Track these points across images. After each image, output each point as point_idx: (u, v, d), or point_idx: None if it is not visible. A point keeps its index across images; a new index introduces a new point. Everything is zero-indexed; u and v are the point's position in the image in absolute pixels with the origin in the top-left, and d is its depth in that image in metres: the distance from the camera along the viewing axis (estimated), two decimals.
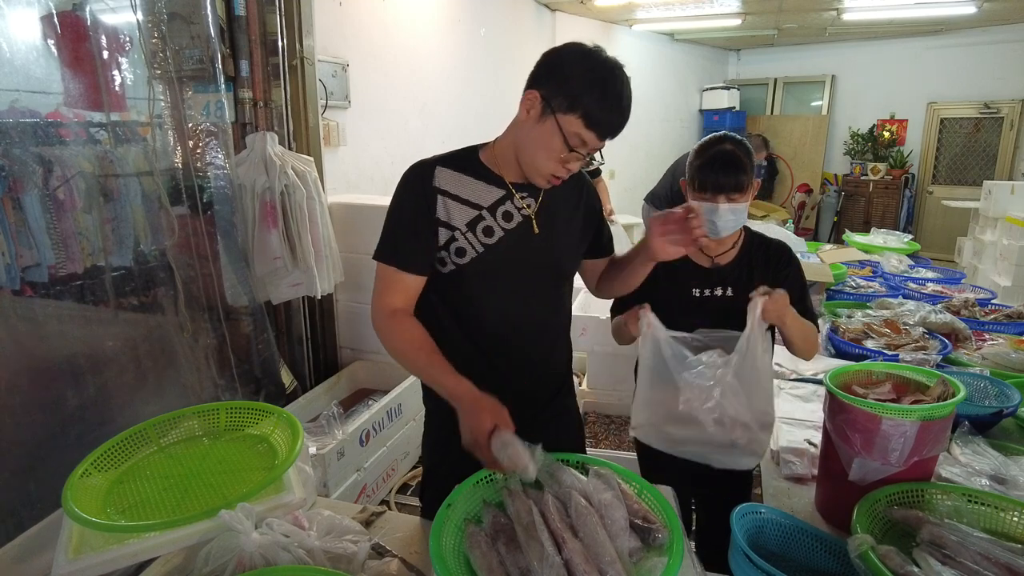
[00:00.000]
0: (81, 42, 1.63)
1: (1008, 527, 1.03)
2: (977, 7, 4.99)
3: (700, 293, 1.35)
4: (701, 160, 1.26)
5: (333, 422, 2.10)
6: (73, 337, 1.64)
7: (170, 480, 1.06)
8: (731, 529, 0.99)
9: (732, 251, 1.37)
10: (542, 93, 0.97)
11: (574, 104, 0.94)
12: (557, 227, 1.10)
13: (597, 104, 0.94)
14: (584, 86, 0.94)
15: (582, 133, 0.95)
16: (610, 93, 0.95)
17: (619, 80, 0.96)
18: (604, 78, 0.95)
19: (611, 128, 0.97)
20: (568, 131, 0.96)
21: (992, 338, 2.04)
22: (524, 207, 1.07)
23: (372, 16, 3.11)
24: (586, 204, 1.16)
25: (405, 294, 1.06)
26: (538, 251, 1.08)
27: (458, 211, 1.04)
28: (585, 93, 0.94)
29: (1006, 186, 4.13)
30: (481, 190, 1.05)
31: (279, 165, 2.15)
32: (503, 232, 1.05)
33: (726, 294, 1.34)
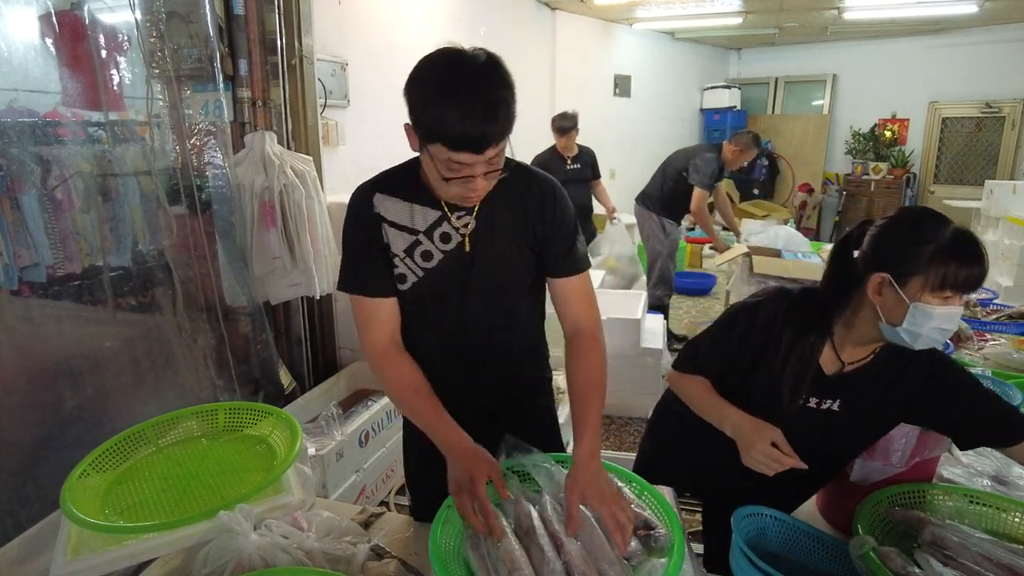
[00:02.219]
0: (79, 41, 1.62)
1: (1010, 528, 1.03)
2: (979, 6, 4.98)
3: (804, 402, 1.06)
4: (945, 245, 0.92)
5: (332, 423, 2.10)
6: (71, 337, 1.63)
7: (169, 481, 1.06)
8: (731, 530, 0.99)
9: (867, 355, 1.06)
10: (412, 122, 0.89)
11: (430, 132, 0.85)
12: (496, 245, 1.02)
13: (450, 124, 0.83)
14: (431, 111, 0.84)
15: (452, 156, 0.85)
16: (461, 108, 0.82)
17: (468, 88, 0.83)
18: (448, 92, 0.83)
19: (478, 143, 0.84)
20: (439, 160, 0.87)
21: (994, 338, 2.03)
22: (461, 227, 1.01)
23: (371, 15, 3.10)
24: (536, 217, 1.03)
25: (388, 323, 1.04)
26: (475, 271, 1.02)
27: (396, 238, 1.01)
28: (433, 117, 0.83)
29: (1008, 186, 4.12)
30: (417, 214, 1.01)
31: (278, 165, 2.14)
32: (442, 254, 1.01)
33: (832, 408, 1.07)
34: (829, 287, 1.05)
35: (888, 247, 0.97)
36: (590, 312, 1.07)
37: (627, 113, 6.19)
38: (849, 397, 1.07)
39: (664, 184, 3.73)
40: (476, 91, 0.83)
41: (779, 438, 0.97)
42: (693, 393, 1.15)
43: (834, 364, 1.06)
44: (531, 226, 1.04)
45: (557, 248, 1.05)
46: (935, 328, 0.93)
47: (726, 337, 1.12)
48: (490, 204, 1.01)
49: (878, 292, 0.97)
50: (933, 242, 0.92)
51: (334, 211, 2.49)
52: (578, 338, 1.06)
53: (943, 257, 0.91)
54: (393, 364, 1.03)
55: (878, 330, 0.99)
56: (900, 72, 6.57)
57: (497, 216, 1.02)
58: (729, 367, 1.12)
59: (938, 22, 5.83)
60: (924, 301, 0.92)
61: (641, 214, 3.90)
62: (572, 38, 5.42)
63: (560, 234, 1.05)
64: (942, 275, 0.91)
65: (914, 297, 0.93)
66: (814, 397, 1.07)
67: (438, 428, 0.97)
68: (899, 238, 0.96)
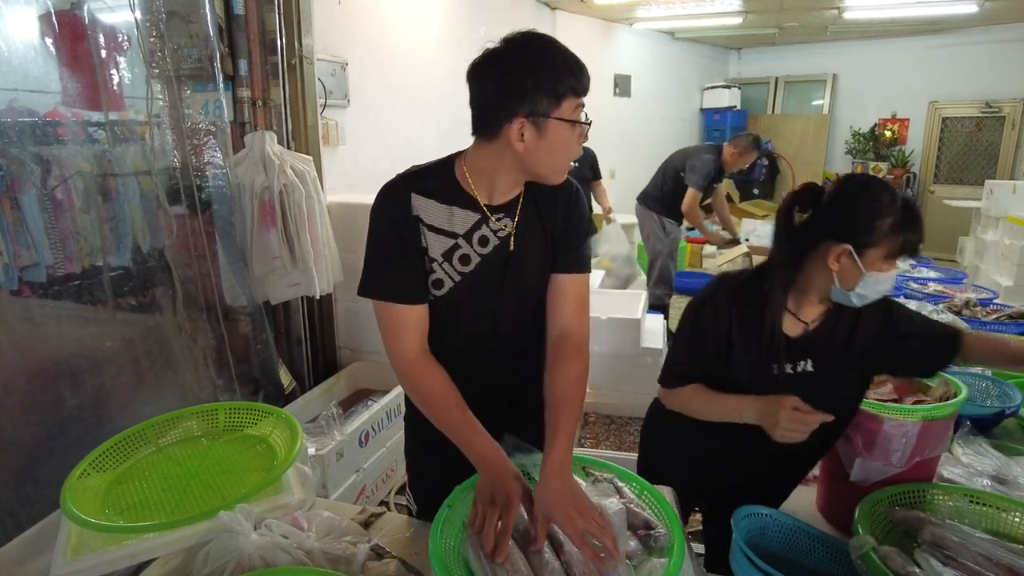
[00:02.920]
0: (79, 41, 1.62)
1: (1010, 528, 1.03)
2: (979, 6, 4.98)
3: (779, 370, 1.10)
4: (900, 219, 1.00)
5: (332, 423, 2.10)
6: (71, 337, 1.63)
7: (169, 481, 1.06)
8: (732, 530, 0.99)
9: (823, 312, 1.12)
10: (526, 112, 0.90)
11: (557, 93, 0.90)
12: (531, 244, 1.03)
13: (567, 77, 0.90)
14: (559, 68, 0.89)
15: (576, 105, 0.92)
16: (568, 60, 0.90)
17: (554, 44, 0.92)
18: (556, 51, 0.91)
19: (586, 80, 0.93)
20: (570, 117, 0.92)
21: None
22: (501, 228, 1.00)
23: (371, 15, 3.10)
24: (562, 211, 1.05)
25: (416, 332, 0.99)
26: (512, 273, 1.02)
27: (435, 241, 0.99)
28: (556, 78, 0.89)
29: (1008, 185, 4.12)
30: (456, 217, 0.99)
31: (278, 164, 2.14)
32: (479, 258, 1.00)
33: (806, 369, 1.11)
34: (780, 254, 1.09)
35: (848, 220, 1.02)
36: (580, 318, 1.05)
37: (627, 113, 6.19)
38: (819, 355, 1.11)
39: (664, 184, 3.73)
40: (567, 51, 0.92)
41: (797, 402, 1.00)
42: (694, 402, 1.16)
43: (796, 327, 1.11)
44: (557, 223, 1.04)
45: (569, 242, 1.05)
46: (880, 291, 1.04)
47: (694, 340, 1.14)
48: (525, 204, 1.01)
49: (837, 261, 1.02)
50: (890, 216, 0.99)
51: (334, 211, 2.49)
52: (564, 343, 1.03)
53: (898, 230, 0.99)
54: (425, 374, 0.99)
55: (828, 292, 1.06)
56: (900, 72, 6.57)
57: (532, 217, 1.02)
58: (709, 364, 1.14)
59: (938, 22, 5.82)
60: (876, 269, 1.01)
61: (642, 213, 3.90)
62: (572, 38, 5.39)
63: (574, 232, 1.05)
64: (898, 245, 1.00)
65: (870, 267, 1.01)
66: (788, 362, 1.11)
67: (474, 442, 0.94)
68: (858, 211, 1.01)
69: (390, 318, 0.99)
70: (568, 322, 1.04)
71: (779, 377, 1.10)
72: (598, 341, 2.90)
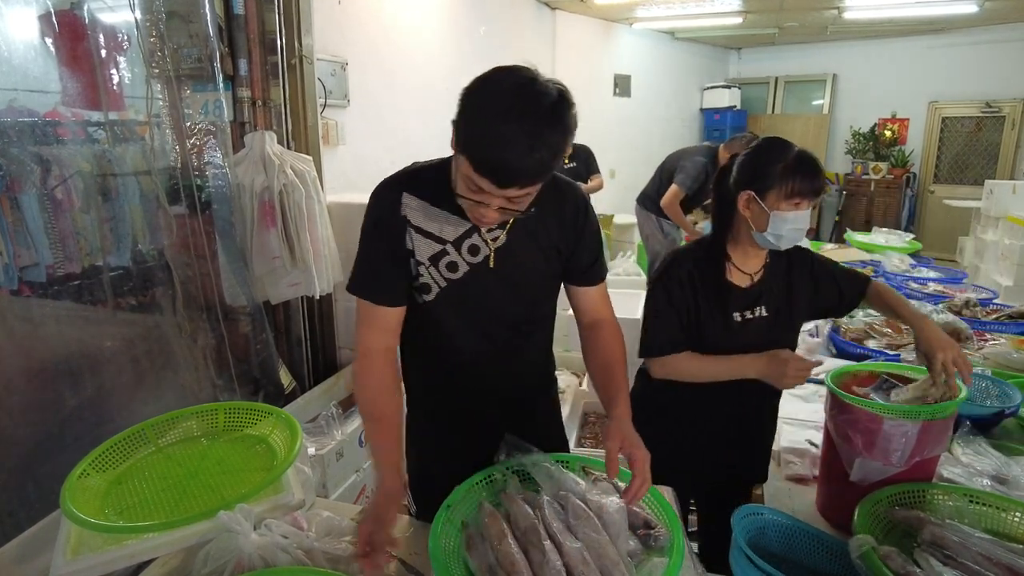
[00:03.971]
0: (79, 41, 1.62)
1: (1009, 527, 1.02)
2: (979, 6, 4.98)
3: (742, 317, 1.26)
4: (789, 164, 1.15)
5: (332, 422, 2.10)
6: (71, 337, 1.63)
7: (168, 481, 1.06)
8: (731, 530, 0.99)
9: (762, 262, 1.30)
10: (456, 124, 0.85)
11: (465, 143, 0.81)
12: (526, 260, 1.01)
13: (485, 144, 0.79)
14: (477, 124, 0.79)
15: (472, 177, 0.81)
16: (507, 132, 0.77)
17: (526, 118, 0.77)
18: (507, 113, 0.77)
19: (503, 173, 0.79)
20: (461, 172, 0.84)
21: (994, 338, 2.03)
22: (491, 240, 0.98)
23: (371, 15, 3.10)
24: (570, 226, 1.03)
25: (384, 330, 1.01)
26: (500, 286, 1.01)
27: (423, 245, 0.98)
28: (476, 130, 0.80)
29: (1008, 185, 4.12)
30: (447, 223, 0.97)
31: (277, 164, 2.14)
32: (468, 267, 0.98)
33: (762, 314, 1.27)
34: (717, 212, 1.28)
35: (749, 170, 1.20)
36: (608, 309, 1.13)
37: (627, 113, 6.19)
38: (769, 301, 1.27)
39: (661, 186, 3.74)
40: (527, 126, 0.77)
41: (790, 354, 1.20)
42: (690, 367, 1.28)
43: (743, 278, 1.27)
44: (565, 237, 1.03)
45: (585, 259, 1.07)
46: (792, 229, 1.17)
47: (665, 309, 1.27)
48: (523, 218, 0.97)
49: (747, 207, 1.20)
50: (781, 161, 1.15)
51: (334, 211, 2.49)
52: (599, 327, 1.11)
53: (790, 173, 1.14)
54: (375, 371, 1.00)
55: (753, 238, 1.21)
56: (900, 72, 6.57)
57: (530, 229, 1.00)
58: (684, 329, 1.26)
59: (938, 22, 5.82)
60: (780, 208, 1.16)
61: (641, 215, 3.90)
62: (572, 38, 5.42)
63: (589, 245, 1.07)
64: (790, 186, 1.14)
65: (772, 207, 1.16)
66: (746, 311, 1.26)
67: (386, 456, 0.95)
68: (756, 162, 1.19)
69: (363, 312, 1.01)
70: (598, 315, 1.12)
71: (740, 324, 1.25)
72: None
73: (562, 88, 0.83)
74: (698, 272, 1.25)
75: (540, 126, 0.78)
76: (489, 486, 0.98)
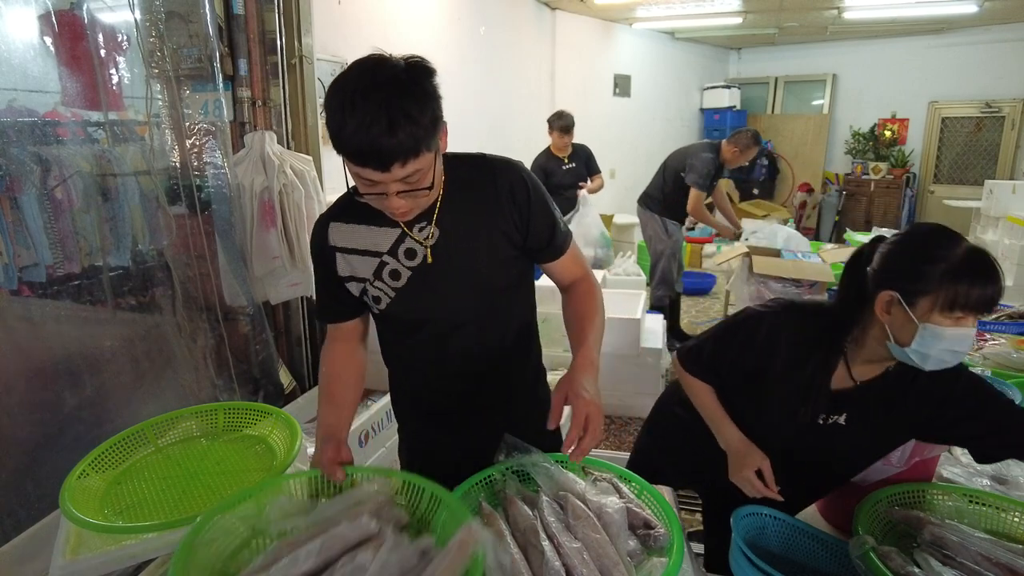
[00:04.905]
0: (79, 41, 1.62)
1: (1009, 527, 1.02)
2: (978, 6, 4.98)
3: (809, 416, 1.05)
4: (956, 264, 0.88)
5: None
6: (71, 337, 1.63)
7: (168, 481, 1.06)
8: (731, 529, 0.99)
9: (879, 372, 1.04)
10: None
11: (335, 143, 0.82)
12: (465, 248, 0.99)
13: (346, 138, 0.79)
14: (335, 121, 0.80)
15: (359, 172, 0.82)
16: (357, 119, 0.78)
17: (369, 99, 0.78)
18: (352, 103, 0.78)
19: (373, 157, 0.79)
20: (351, 171, 0.85)
21: (993, 338, 2.03)
22: (423, 239, 0.98)
23: (371, 15, 3.10)
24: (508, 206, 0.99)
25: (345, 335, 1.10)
26: (446, 281, 0.99)
27: (360, 263, 1.00)
28: (334, 129, 0.80)
29: (1007, 185, 4.12)
30: (377, 236, 0.99)
31: (277, 164, 2.14)
32: (410, 271, 0.99)
33: (837, 422, 1.05)
34: (841, 304, 1.03)
35: (898, 264, 0.94)
36: (583, 269, 1.11)
37: (627, 113, 6.19)
38: (856, 412, 1.04)
39: (664, 185, 3.73)
40: (376, 103, 0.77)
41: (765, 467, 1.05)
42: (698, 397, 1.20)
43: (844, 381, 1.04)
44: (507, 216, 0.99)
45: (543, 233, 1.02)
46: (946, 350, 0.90)
47: (729, 341, 1.13)
48: (451, 207, 0.97)
49: (887, 311, 0.94)
50: (944, 261, 0.89)
51: None
52: (575, 287, 1.10)
53: (954, 276, 0.87)
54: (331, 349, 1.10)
55: (887, 349, 0.96)
56: (900, 72, 6.57)
57: (462, 218, 0.98)
58: (730, 372, 1.13)
59: (938, 22, 5.82)
60: (934, 322, 0.89)
61: (643, 215, 3.89)
62: (572, 38, 5.42)
63: (540, 216, 1.01)
64: (953, 295, 0.87)
65: (923, 317, 0.89)
66: (823, 413, 1.05)
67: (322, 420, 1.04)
68: (909, 255, 0.93)
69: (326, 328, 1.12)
70: (574, 277, 1.10)
71: (806, 424, 1.05)
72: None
73: (413, 59, 0.84)
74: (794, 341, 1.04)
75: (392, 98, 0.78)
76: (488, 487, 0.98)
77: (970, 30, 6.06)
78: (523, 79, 4.92)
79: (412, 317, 1.03)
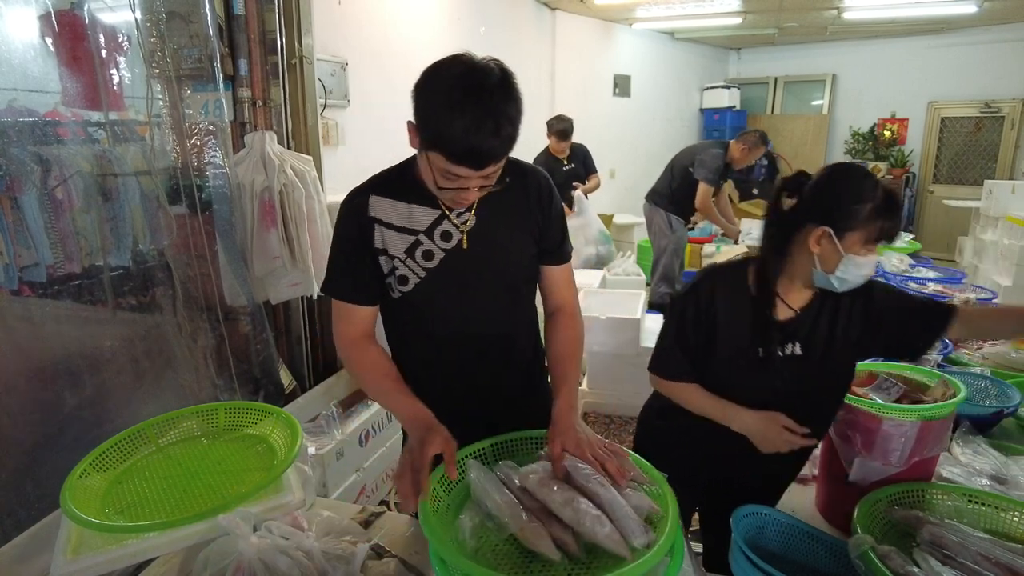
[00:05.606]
0: (79, 41, 1.62)
1: (1008, 527, 1.03)
2: (978, 6, 4.98)
3: (767, 352, 1.12)
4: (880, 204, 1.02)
5: (332, 422, 2.10)
6: (71, 337, 1.63)
7: (169, 480, 1.06)
8: (731, 529, 0.99)
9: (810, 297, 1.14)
10: (414, 125, 0.90)
11: (433, 140, 0.86)
12: (498, 239, 1.04)
13: (454, 137, 0.83)
14: (439, 118, 0.83)
15: (450, 168, 0.86)
16: (467, 121, 0.81)
17: (480, 102, 0.82)
18: (461, 104, 0.82)
19: (478, 158, 0.85)
20: (436, 167, 0.88)
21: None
22: (461, 224, 1.01)
23: (371, 15, 3.10)
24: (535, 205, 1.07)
25: (362, 322, 1.06)
26: (477, 267, 1.03)
27: (394, 239, 1.01)
28: (440, 126, 0.83)
29: (1007, 185, 4.13)
30: (416, 214, 1.01)
31: (277, 164, 2.14)
32: (443, 253, 1.01)
33: (795, 352, 1.13)
34: (769, 238, 1.13)
35: (829, 203, 1.05)
36: (571, 293, 1.16)
37: (627, 113, 6.19)
38: (806, 339, 1.13)
39: (672, 181, 3.75)
40: (485, 107, 0.83)
41: (785, 420, 1.10)
42: (689, 400, 1.20)
43: (785, 311, 1.14)
44: (533, 216, 1.07)
45: (555, 238, 1.10)
46: (860, 275, 1.05)
47: (682, 330, 1.18)
48: (489, 199, 1.01)
49: (818, 243, 1.05)
50: (871, 201, 1.02)
51: (334, 211, 2.46)
52: (559, 315, 1.13)
53: (877, 215, 1.02)
54: (362, 351, 1.05)
55: (811, 275, 1.08)
56: (899, 72, 6.57)
57: (497, 210, 1.03)
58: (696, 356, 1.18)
59: (937, 22, 5.83)
60: (855, 252, 1.03)
61: (649, 210, 3.92)
62: (572, 38, 5.42)
63: (556, 224, 1.10)
64: (876, 230, 1.03)
65: (849, 249, 1.03)
66: (778, 345, 1.13)
67: (404, 405, 0.98)
68: (840, 196, 1.04)
69: (340, 310, 1.07)
70: (562, 300, 1.14)
71: (768, 360, 1.12)
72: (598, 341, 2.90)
73: (500, 63, 0.88)
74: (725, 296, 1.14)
75: (497, 104, 0.84)
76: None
77: (970, 30, 6.06)
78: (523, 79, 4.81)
79: (435, 301, 1.04)
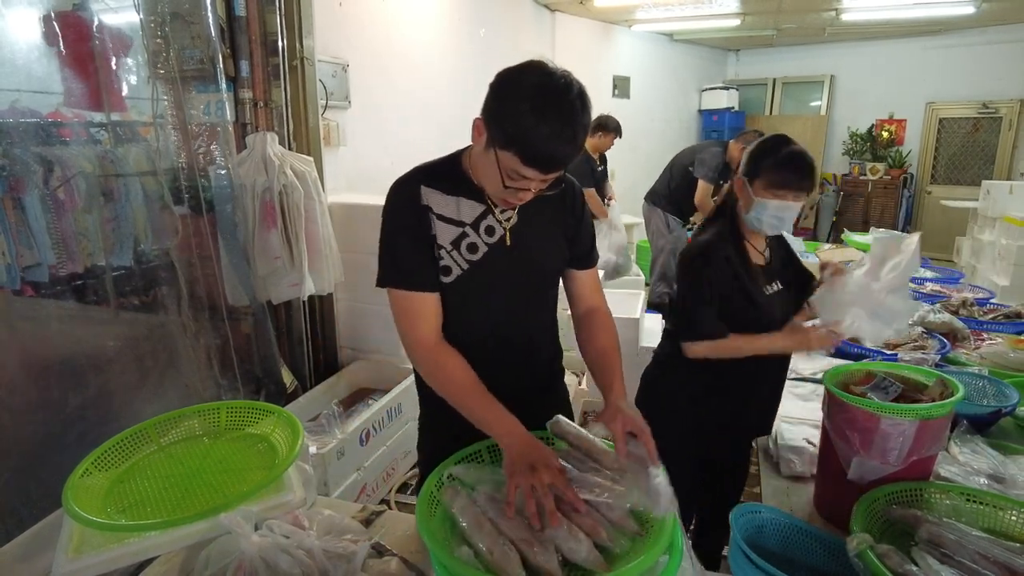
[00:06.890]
0: (82, 42, 1.63)
1: (1006, 526, 1.03)
2: (976, 7, 5.00)
3: (769, 291, 1.38)
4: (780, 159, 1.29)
5: (333, 421, 2.10)
6: (74, 337, 1.64)
7: (170, 479, 1.06)
8: (730, 528, 1.00)
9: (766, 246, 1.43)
10: (485, 122, 0.93)
11: (510, 141, 0.88)
12: (536, 238, 1.07)
13: (534, 141, 0.86)
14: (520, 121, 0.86)
15: (520, 169, 0.90)
16: (549, 127, 0.86)
17: (562, 111, 0.87)
18: (542, 110, 0.85)
19: (551, 163, 0.90)
20: (505, 167, 0.91)
21: (991, 338, 2.04)
22: (504, 220, 1.05)
23: (372, 16, 3.11)
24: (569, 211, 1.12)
25: (431, 318, 1.03)
26: (517, 264, 1.06)
27: (444, 230, 1.02)
28: (521, 129, 0.86)
29: (1004, 186, 4.14)
30: (464, 207, 1.03)
31: (278, 165, 2.15)
32: (487, 247, 1.03)
33: (779, 288, 1.40)
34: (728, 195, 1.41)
35: (748, 160, 1.35)
36: (602, 297, 1.20)
37: (626, 114, 6.15)
38: (780, 278, 1.42)
39: (671, 180, 3.76)
40: (566, 116, 0.87)
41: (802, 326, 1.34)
42: (734, 349, 1.37)
43: (758, 257, 1.40)
44: (567, 220, 1.11)
45: (586, 243, 1.15)
46: (772, 216, 1.31)
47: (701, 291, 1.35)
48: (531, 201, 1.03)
49: (740, 190, 1.35)
50: (772, 156, 1.30)
51: (335, 211, 2.49)
52: (593, 316, 1.17)
53: (777, 166, 1.29)
54: (444, 360, 1.02)
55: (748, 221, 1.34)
56: (898, 73, 6.59)
57: (536, 209, 1.06)
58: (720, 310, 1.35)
59: (935, 23, 5.84)
60: (762, 197, 1.30)
61: (648, 210, 3.92)
62: (571, 40, 5.43)
63: (587, 231, 1.15)
64: (774, 178, 1.29)
65: (757, 194, 1.31)
66: (767, 286, 1.39)
67: (496, 420, 0.96)
68: (754, 153, 1.34)
69: (405, 306, 1.03)
70: (592, 302, 1.18)
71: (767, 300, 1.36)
72: None
73: (571, 75, 0.92)
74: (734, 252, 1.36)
75: (575, 116, 0.88)
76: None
77: (967, 31, 6.08)
78: None
79: (474, 293, 1.05)
